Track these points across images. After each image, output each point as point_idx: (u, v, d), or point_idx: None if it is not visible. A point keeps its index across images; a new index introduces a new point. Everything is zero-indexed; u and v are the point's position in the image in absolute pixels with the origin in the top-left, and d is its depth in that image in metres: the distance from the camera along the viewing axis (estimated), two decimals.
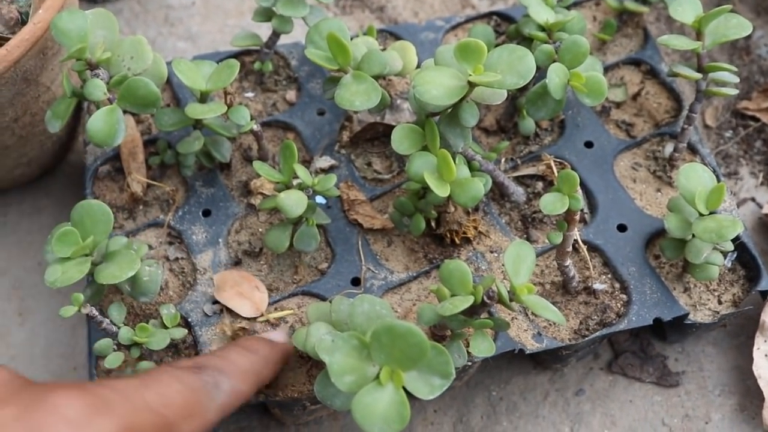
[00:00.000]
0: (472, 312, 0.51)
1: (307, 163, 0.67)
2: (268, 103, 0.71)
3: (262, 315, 0.60)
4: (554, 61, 0.60)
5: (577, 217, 0.55)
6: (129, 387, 0.43)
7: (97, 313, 0.54)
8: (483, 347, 0.52)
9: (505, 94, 0.55)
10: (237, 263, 0.62)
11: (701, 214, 0.57)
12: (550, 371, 0.66)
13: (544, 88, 0.59)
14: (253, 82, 0.71)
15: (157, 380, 0.45)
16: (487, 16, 0.76)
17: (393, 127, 0.66)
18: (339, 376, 0.46)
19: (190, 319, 0.60)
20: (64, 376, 0.67)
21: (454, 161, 0.55)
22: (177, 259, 0.63)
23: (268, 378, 0.54)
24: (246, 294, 0.61)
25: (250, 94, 0.71)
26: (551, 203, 0.53)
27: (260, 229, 0.64)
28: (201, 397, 0.47)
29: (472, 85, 0.53)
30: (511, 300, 0.50)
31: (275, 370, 0.55)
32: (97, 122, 0.55)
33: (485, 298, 0.49)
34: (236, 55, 0.72)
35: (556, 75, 0.58)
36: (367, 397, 0.45)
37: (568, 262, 0.59)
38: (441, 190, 0.54)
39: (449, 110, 0.56)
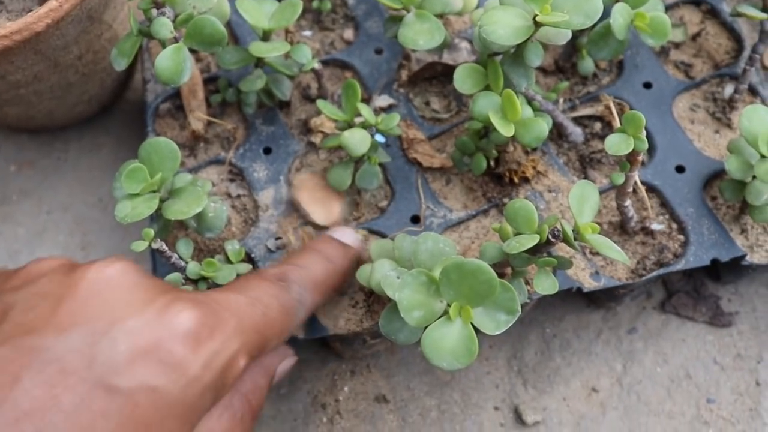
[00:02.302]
0: (535, 250, 0.52)
1: (365, 101, 0.67)
2: (326, 42, 0.71)
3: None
4: (617, 1, 0.59)
5: (641, 158, 0.55)
6: (240, 306, 0.45)
7: (166, 248, 0.55)
8: (546, 285, 0.53)
9: (570, 35, 0.55)
10: None
11: (763, 156, 0.57)
12: (604, 309, 0.67)
13: (607, 28, 0.59)
14: (310, 21, 0.71)
15: (260, 300, 0.47)
16: None
17: (451, 66, 0.67)
18: (408, 312, 0.47)
19: (253, 255, 0.61)
20: None
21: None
22: (239, 196, 0.64)
23: (338, 288, 0.57)
24: (323, 201, 0.63)
25: (307, 33, 0.71)
26: (616, 144, 0.53)
27: (320, 167, 0.65)
28: (292, 315, 0.49)
29: (538, 25, 0.53)
30: (575, 239, 0.50)
31: (346, 279, 0.57)
32: (164, 61, 0.56)
33: (550, 236, 0.50)
34: None
35: (620, 15, 0.58)
36: (436, 332, 0.47)
37: (628, 202, 0.59)
38: (505, 130, 0.54)
39: (513, 50, 0.56)
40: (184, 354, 0.40)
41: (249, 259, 0.61)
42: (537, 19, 0.52)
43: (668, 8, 0.70)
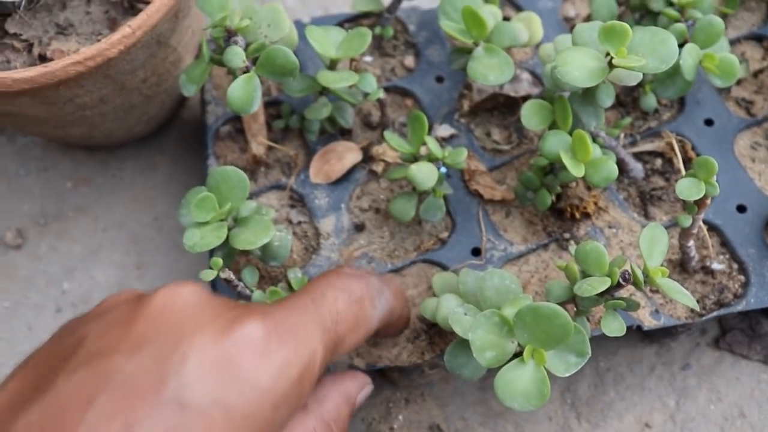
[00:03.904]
0: (603, 292, 0.52)
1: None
2: (386, 68, 0.71)
3: None
4: (686, 41, 0.59)
5: (709, 202, 0.55)
6: (305, 309, 0.45)
7: (233, 278, 0.56)
8: (614, 327, 0.53)
9: (641, 76, 0.55)
10: (360, 229, 0.64)
11: None
12: (657, 345, 0.67)
13: (676, 68, 0.58)
14: (371, 47, 0.71)
15: (325, 296, 0.46)
16: None
17: (513, 97, 0.67)
18: (480, 352, 0.48)
19: None
20: None
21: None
22: (300, 222, 0.65)
23: (405, 314, 0.55)
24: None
25: (368, 59, 0.71)
26: (687, 189, 0.53)
27: (381, 196, 0.65)
28: (366, 306, 0.48)
29: (612, 66, 0.53)
30: (644, 282, 0.50)
31: (408, 313, 0.57)
32: (236, 90, 0.56)
33: (621, 280, 0.50)
34: (353, 18, 0.73)
35: (689, 56, 0.58)
36: (510, 374, 0.47)
37: (691, 242, 0.59)
38: (576, 171, 0.54)
39: (583, 89, 0.56)
40: (253, 367, 0.40)
41: None
42: (614, 62, 0.52)
43: (730, 44, 0.70)
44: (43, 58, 0.61)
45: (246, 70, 0.57)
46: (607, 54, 0.53)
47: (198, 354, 0.39)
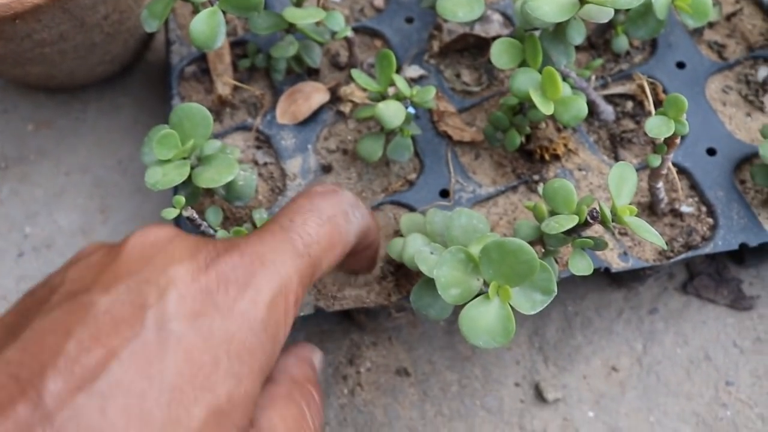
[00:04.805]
0: (570, 231, 0.51)
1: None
2: (355, 9, 0.70)
3: None
4: None
5: (678, 141, 0.55)
6: (273, 236, 0.44)
7: (196, 216, 0.55)
8: (582, 266, 0.52)
9: (612, 13, 0.54)
10: (327, 170, 0.63)
11: None
12: (625, 289, 0.67)
13: (647, 6, 0.58)
14: None
15: (294, 222, 0.46)
16: None
17: (483, 38, 0.66)
18: (445, 289, 0.47)
19: None
20: None
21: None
22: (266, 163, 0.64)
23: (376, 238, 0.54)
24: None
25: None
26: (657, 126, 0.53)
27: (349, 137, 0.64)
28: (339, 223, 0.48)
29: (583, 2, 0.52)
30: (612, 221, 0.50)
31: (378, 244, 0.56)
32: (199, 24, 0.54)
33: (589, 218, 0.50)
34: None
35: None
36: (474, 310, 0.46)
37: (660, 184, 0.59)
38: (545, 108, 0.53)
39: (553, 27, 0.56)
40: (229, 294, 0.40)
41: None
42: None
43: None
44: None
45: (209, 4, 0.56)
46: None
47: (177, 286, 0.39)
